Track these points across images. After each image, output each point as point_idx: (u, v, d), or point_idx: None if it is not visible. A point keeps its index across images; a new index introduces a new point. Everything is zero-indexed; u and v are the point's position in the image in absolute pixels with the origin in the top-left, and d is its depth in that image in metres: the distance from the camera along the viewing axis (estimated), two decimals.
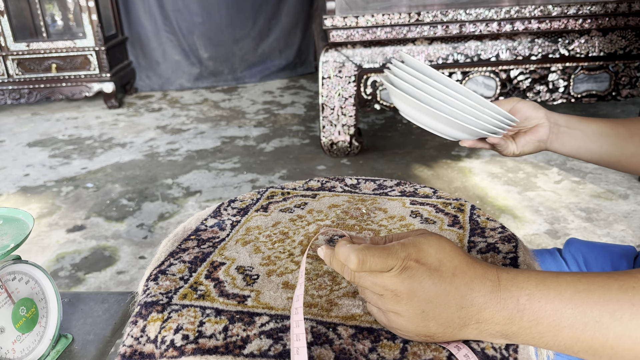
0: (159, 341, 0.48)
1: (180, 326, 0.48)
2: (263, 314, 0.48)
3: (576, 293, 0.38)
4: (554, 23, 2.22)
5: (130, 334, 0.51)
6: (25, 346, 0.69)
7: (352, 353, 0.43)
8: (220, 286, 0.52)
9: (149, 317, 0.50)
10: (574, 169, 2.22)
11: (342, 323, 0.46)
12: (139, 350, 0.48)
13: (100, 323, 0.79)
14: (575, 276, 0.39)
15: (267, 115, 3.17)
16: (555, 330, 0.38)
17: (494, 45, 2.25)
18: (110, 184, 2.25)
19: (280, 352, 0.44)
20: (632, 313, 0.36)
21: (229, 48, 3.97)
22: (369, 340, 0.44)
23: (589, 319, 0.37)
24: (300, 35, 4.09)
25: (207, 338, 0.46)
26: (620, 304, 0.37)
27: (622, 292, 0.37)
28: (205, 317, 0.48)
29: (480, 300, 0.39)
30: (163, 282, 0.54)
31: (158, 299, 0.52)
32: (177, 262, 0.57)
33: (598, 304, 0.37)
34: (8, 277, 0.67)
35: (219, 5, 3.84)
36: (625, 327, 0.36)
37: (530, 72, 2.29)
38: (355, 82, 2.29)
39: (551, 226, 1.78)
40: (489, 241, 0.57)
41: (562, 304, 0.38)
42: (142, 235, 1.80)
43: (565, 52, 2.26)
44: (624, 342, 0.36)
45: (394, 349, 0.43)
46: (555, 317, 0.38)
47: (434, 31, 2.24)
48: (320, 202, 0.69)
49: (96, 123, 3.16)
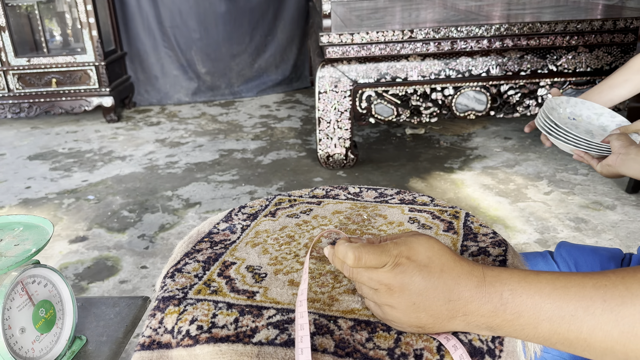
0: (176, 331, 0.52)
1: (195, 318, 0.52)
2: (270, 307, 0.53)
3: (554, 289, 0.41)
4: (543, 40, 2.30)
5: (149, 325, 0.55)
6: (43, 346, 0.73)
7: (351, 342, 0.47)
8: (231, 283, 0.57)
9: (167, 310, 0.54)
10: (563, 181, 2.28)
11: (342, 316, 0.50)
12: (157, 340, 0.53)
13: (113, 325, 0.83)
14: (554, 274, 0.43)
15: (264, 129, 3.22)
16: (535, 322, 0.41)
17: (485, 61, 2.33)
18: (111, 196, 2.29)
19: (285, 340, 0.48)
20: (603, 308, 0.40)
21: (226, 63, 4.04)
22: (366, 332, 0.48)
23: (565, 313, 0.41)
24: (296, 51, 4.17)
25: (219, 328, 0.50)
26: (593, 300, 0.40)
27: (595, 289, 0.41)
28: (217, 310, 0.53)
29: (466, 294, 0.43)
30: (179, 279, 0.59)
31: (175, 294, 0.56)
32: (192, 262, 0.62)
33: (573, 299, 0.41)
34: (29, 280, 0.72)
35: (216, 22, 3.91)
36: (597, 320, 0.40)
37: (519, 87, 2.36)
38: (351, 96, 2.36)
39: (541, 235, 1.83)
40: (481, 245, 0.62)
41: (542, 299, 0.41)
42: (143, 245, 1.84)
43: (554, 68, 2.34)
44: (596, 335, 0.40)
45: (388, 339, 0.47)
46: (535, 311, 0.41)
47: (426, 48, 2.32)
48: (325, 208, 0.74)
49: (95, 137, 3.20)
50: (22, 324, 0.70)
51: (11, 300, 0.68)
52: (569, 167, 2.43)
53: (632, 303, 0.40)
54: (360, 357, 0.46)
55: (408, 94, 2.37)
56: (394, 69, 2.33)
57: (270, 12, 4.00)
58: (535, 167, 2.44)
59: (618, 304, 0.40)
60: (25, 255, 0.68)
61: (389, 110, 2.39)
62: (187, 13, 3.86)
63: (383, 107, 2.38)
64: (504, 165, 2.48)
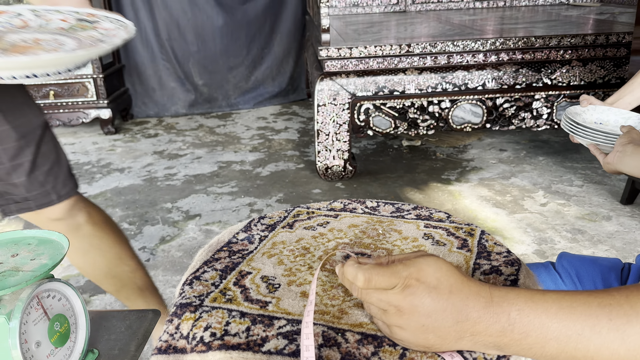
0: (191, 337, 0.54)
1: (209, 325, 0.54)
2: (281, 318, 0.54)
3: (561, 309, 0.43)
4: (537, 54, 2.35)
5: (166, 330, 0.57)
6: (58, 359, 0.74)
7: (357, 355, 0.48)
8: (246, 292, 0.59)
9: (183, 317, 0.56)
10: (558, 192, 2.32)
11: (350, 329, 0.52)
12: (173, 345, 0.55)
13: (124, 339, 0.84)
14: (560, 294, 0.44)
15: (262, 141, 3.25)
16: (543, 342, 0.42)
17: (481, 75, 2.37)
18: (111, 208, 2.30)
19: (293, 351, 0.50)
20: (609, 327, 0.41)
21: (223, 75, 4.07)
22: (373, 346, 0.49)
23: (572, 332, 0.42)
24: (293, 64, 4.21)
25: (231, 336, 0.52)
26: (599, 319, 0.42)
27: (600, 308, 0.42)
28: (231, 318, 0.55)
29: (474, 315, 0.43)
30: (197, 286, 0.61)
31: (192, 301, 0.58)
32: (210, 270, 0.64)
33: (580, 319, 0.42)
34: (44, 295, 0.73)
35: (213, 35, 3.95)
36: (604, 339, 0.41)
37: (515, 100, 2.40)
38: (349, 109, 2.38)
39: (539, 246, 1.86)
40: (493, 264, 0.62)
41: (549, 319, 0.42)
42: (144, 258, 1.85)
43: (548, 81, 2.38)
44: (602, 353, 0.41)
45: (394, 354, 0.48)
46: (542, 330, 0.42)
47: (423, 62, 2.35)
48: (341, 221, 0.76)
49: (93, 149, 3.21)
50: (37, 338, 0.71)
51: (27, 315, 0.69)
52: (564, 178, 2.46)
53: (638, 321, 0.41)
54: None
55: (405, 107, 2.40)
56: (392, 82, 2.36)
57: (267, 25, 4.04)
58: (531, 178, 2.47)
59: (624, 323, 0.41)
60: (43, 270, 0.69)
61: (386, 122, 2.42)
62: (184, 26, 3.89)
63: (381, 119, 2.41)
64: (500, 177, 2.51)
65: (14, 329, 0.67)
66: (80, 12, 0.79)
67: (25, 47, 0.68)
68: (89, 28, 0.75)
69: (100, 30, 0.74)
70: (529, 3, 3.92)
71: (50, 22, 0.79)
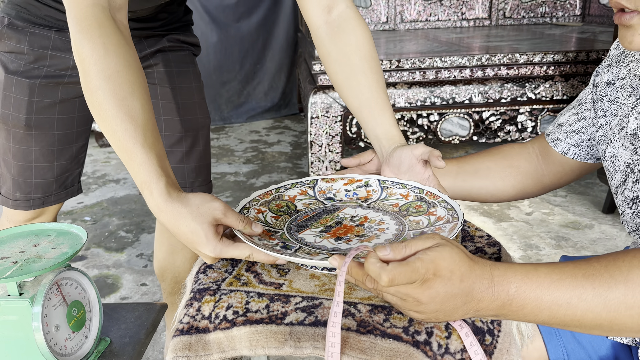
0: (213, 317, 0.59)
1: (230, 305, 0.59)
2: (296, 295, 0.60)
3: (552, 282, 0.50)
4: (521, 69, 2.45)
5: (186, 313, 0.62)
6: (74, 344, 0.79)
7: (371, 322, 0.55)
8: (259, 277, 0.64)
9: (203, 300, 0.61)
10: (543, 202, 2.40)
11: (361, 302, 0.58)
12: (194, 325, 0.60)
13: (134, 328, 0.89)
14: (549, 267, 0.51)
15: (255, 153, 3.31)
16: (537, 311, 0.50)
17: (467, 90, 2.47)
18: (107, 217, 2.33)
19: (313, 321, 0.55)
20: (593, 294, 0.49)
21: (217, 90, 4.14)
22: (383, 314, 0.56)
23: (562, 301, 0.49)
24: (285, 79, 4.30)
25: (253, 312, 0.57)
26: (585, 289, 0.49)
27: (585, 279, 0.50)
28: (250, 298, 0.60)
29: (479, 296, 0.50)
30: (211, 274, 0.66)
31: (209, 286, 0.63)
32: (220, 260, 0.69)
33: (568, 289, 0.49)
34: (62, 282, 0.78)
35: (207, 51, 4.04)
36: (589, 304, 0.49)
37: (500, 113, 2.50)
38: (341, 121, 2.46)
39: (525, 253, 1.93)
40: (477, 245, 0.71)
41: (542, 292, 0.49)
42: (142, 264, 1.89)
43: (532, 96, 2.49)
44: (587, 316, 0.49)
45: (403, 320, 0.55)
46: (537, 302, 0.49)
47: (412, 76, 2.45)
48: None
49: (89, 160, 3.25)
50: (56, 322, 0.76)
51: (48, 300, 0.74)
52: None
53: (617, 288, 0.48)
54: (379, 333, 0.53)
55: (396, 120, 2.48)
56: None
57: (259, 42, 4.14)
58: None
59: (605, 290, 0.49)
60: (64, 258, 0.75)
61: None
62: None
63: None
64: None
65: (37, 313, 0.72)
66: (424, 189, 0.76)
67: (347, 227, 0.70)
68: (421, 213, 0.72)
69: (431, 218, 0.70)
70: (514, 22, 4.07)
71: (391, 197, 0.77)
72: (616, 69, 0.73)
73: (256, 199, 0.74)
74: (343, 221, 0.72)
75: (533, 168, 0.85)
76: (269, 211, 0.74)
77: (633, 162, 0.65)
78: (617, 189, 0.69)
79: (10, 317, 0.73)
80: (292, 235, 0.68)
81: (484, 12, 3.93)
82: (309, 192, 0.79)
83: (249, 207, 0.72)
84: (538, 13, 3.87)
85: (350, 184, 0.81)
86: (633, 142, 0.65)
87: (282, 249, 0.63)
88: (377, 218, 0.72)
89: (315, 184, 0.81)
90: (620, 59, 0.73)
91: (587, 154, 0.79)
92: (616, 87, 0.72)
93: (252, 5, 4.02)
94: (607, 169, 0.71)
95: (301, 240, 0.66)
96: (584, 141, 0.78)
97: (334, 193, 0.80)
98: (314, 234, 0.68)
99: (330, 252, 0.63)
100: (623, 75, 0.71)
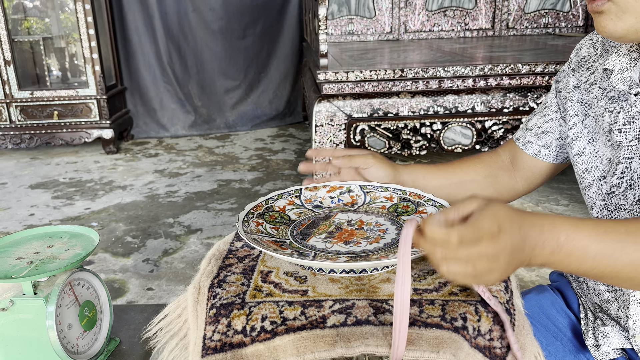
0: (248, 330, 0.56)
1: (265, 316, 0.56)
2: (327, 299, 0.58)
3: (598, 234, 0.53)
4: (524, 79, 2.48)
5: (215, 330, 0.58)
6: (86, 342, 0.82)
7: (409, 315, 0.54)
8: (279, 286, 0.61)
9: (232, 315, 0.58)
10: (546, 210, 2.42)
11: (390, 299, 0.58)
12: (227, 342, 0.57)
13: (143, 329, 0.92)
14: (595, 222, 0.54)
15: (260, 161, 3.34)
16: (581, 260, 0.53)
17: (470, 99, 2.50)
18: (114, 223, 2.37)
19: (355, 321, 0.55)
20: (634, 249, 0.52)
21: (221, 97, 4.19)
22: (416, 306, 0.57)
23: (606, 252, 0.53)
24: (290, 88, 4.35)
25: (292, 320, 0.55)
26: (627, 243, 0.53)
27: (627, 234, 0.53)
28: (281, 307, 0.57)
29: (532, 243, 0.52)
30: (229, 288, 0.62)
31: (232, 300, 0.59)
32: (231, 274, 0.65)
33: (612, 242, 0.53)
34: (75, 282, 0.81)
35: (212, 58, 4.09)
36: (630, 258, 0.53)
37: (503, 122, 2.52)
38: (346, 129, 2.49)
39: None
40: None
41: (589, 242, 0.53)
42: (148, 269, 1.91)
43: (534, 105, 2.51)
44: (625, 268, 0.53)
45: (436, 309, 0.56)
46: (583, 252, 0.53)
47: (415, 86, 2.48)
48: None
49: (95, 167, 3.29)
50: (69, 321, 0.79)
51: (62, 299, 0.77)
52: (551, 198, 2.57)
53: None
54: (422, 324, 0.55)
55: (399, 128, 2.51)
56: (386, 104, 2.48)
57: (264, 50, 4.19)
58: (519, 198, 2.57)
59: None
60: (77, 258, 0.78)
61: (381, 143, 2.53)
62: (185, 50, 4.03)
63: (376, 140, 2.52)
64: None
65: (51, 312, 0.75)
66: (407, 190, 0.78)
67: (348, 231, 0.72)
68: (411, 212, 0.74)
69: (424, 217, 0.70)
70: (517, 33, 4.10)
71: (376, 200, 0.80)
72: (579, 74, 0.78)
73: (250, 212, 0.74)
74: (342, 226, 0.73)
75: (508, 175, 0.90)
76: (266, 222, 0.73)
77: (613, 157, 0.70)
78: (594, 182, 0.74)
79: (25, 316, 0.76)
80: (301, 244, 0.68)
81: (487, 23, 3.97)
82: (296, 202, 0.80)
83: (248, 220, 0.72)
84: (541, 24, 3.90)
85: (333, 191, 0.82)
86: (610, 139, 0.70)
87: (301, 257, 0.63)
88: (372, 221, 0.74)
89: (300, 194, 0.82)
90: (581, 65, 0.79)
91: (556, 155, 0.84)
92: (581, 90, 0.78)
93: (257, 14, 4.08)
94: (582, 164, 0.76)
95: (312, 247, 0.67)
96: (553, 141, 0.83)
97: (320, 201, 0.81)
98: (322, 240, 0.69)
99: (348, 255, 0.64)
100: (585, 79, 0.77)
